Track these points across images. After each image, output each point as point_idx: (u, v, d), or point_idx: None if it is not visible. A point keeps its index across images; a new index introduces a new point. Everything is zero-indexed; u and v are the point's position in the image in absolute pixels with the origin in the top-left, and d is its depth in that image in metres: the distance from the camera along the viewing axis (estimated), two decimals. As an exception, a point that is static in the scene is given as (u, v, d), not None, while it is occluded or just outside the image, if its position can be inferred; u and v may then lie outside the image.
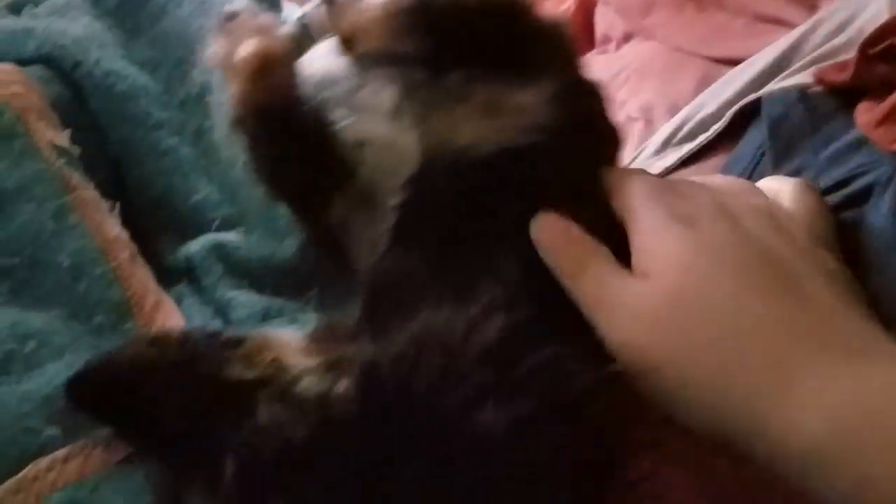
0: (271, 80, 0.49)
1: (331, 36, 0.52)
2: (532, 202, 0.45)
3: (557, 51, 0.49)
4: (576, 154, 0.47)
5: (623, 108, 0.66)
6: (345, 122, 0.49)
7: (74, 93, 0.61)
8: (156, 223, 0.61)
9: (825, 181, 0.46)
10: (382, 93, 0.49)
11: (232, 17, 0.51)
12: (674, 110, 0.60)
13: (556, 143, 0.46)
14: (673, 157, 0.56)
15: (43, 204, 0.52)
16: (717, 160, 0.54)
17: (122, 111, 0.63)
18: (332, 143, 0.49)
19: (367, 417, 0.40)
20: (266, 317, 0.56)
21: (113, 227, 0.55)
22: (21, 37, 0.60)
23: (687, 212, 0.40)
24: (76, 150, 0.57)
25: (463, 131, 0.46)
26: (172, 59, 0.69)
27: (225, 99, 0.51)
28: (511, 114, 0.46)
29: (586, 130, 0.48)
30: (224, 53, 0.51)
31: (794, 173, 0.48)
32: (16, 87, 0.55)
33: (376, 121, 0.49)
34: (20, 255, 0.50)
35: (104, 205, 0.56)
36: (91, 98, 0.62)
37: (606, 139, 0.49)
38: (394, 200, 0.47)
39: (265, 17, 0.53)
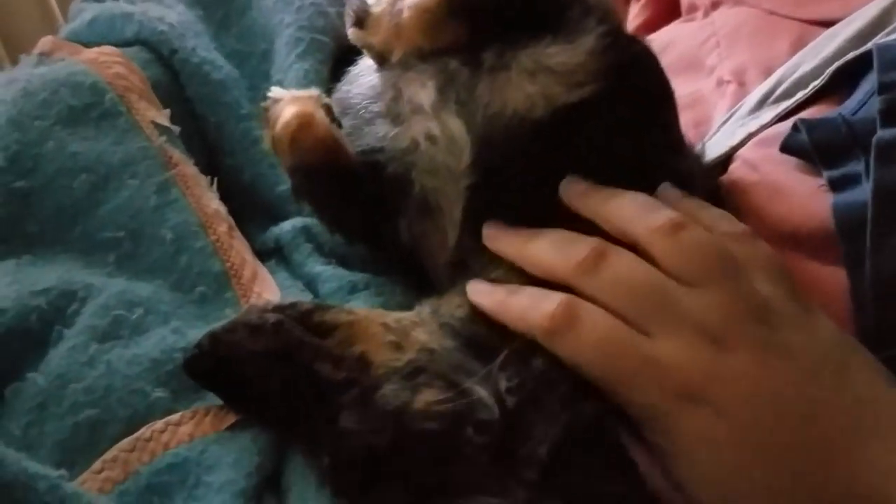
0: (310, 140, 0.52)
1: (366, 54, 0.55)
2: (589, 159, 0.46)
3: (593, 8, 0.49)
4: (625, 105, 0.47)
5: (713, 73, 0.64)
6: (393, 132, 0.50)
7: (172, 77, 0.63)
8: (246, 207, 0.62)
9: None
10: (421, 92, 0.50)
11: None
12: (768, 72, 0.59)
13: (603, 96, 0.46)
14: (769, 114, 0.54)
15: (146, 179, 0.54)
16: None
17: (216, 98, 0.65)
18: (382, 171, 0.51)
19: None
20: (354, 290, 0.57)
21: (212, 202, 0.56)
22: (120, 22, 0.62)
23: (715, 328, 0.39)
24: (176, 129, 0.58)
25: (511, 100, 0.47)
26: (257, 54, 0.70)
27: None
28: (554, 74, 0.47)
29: (632, 82, 0.48)
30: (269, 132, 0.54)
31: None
32: (117, 68, 0.57)
33: (421, 120, 0.50)
34: (125, 228, 0.52)
35: (204, 180, 0.57)
36: (188, 84, 0.64)
37: (656, 91, 0.50)
38: (457, 192, 0.49)
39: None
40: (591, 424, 0.41)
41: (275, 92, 0.56)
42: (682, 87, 0.65)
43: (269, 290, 0.54)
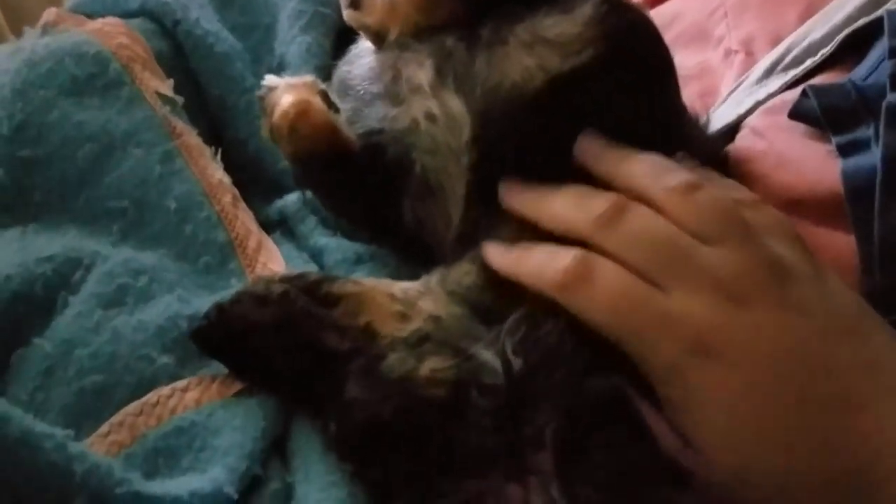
0: (308, 128, 0.52)
1: (363, 35, 0.55)
2: (592, 125, 0.45)
3: None
4: (622, 71, 0.47)
5: (721, 43, 0.64)
6: (393, 112, 0.50)
7: (175, 49, 0.63)
8: (250, 180, 0.62)
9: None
10: (419, 71, 0.50)
11: None
12: (776, 41, 0.59)
13: (603, 64, 0.46)
14: (777, 83, 0.54)
15: (150, 149, 0.54)
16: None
17: (219, 71, 0.64)
18: (384, 152, 0.51)
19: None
20: (359, 261, 0.57)
21: (216, 172, 0.56)
22: (125, -8, 0.62)
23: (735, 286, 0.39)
24: (180, 99, 0.58)
25: (509, 74, 0.47)
26: (261, 27, 0.70)
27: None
28: (552, 45, 0.47)
29: (629, 49, 0.48)
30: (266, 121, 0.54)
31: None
32: (121, 39, 0.57)
33: (420, 99, 0.49)
34: (129, 197, 0.52)
35: (207, 150, 0.57)
36: (191, 56, 0.64)
37: (653, 57, 0.49)
38: (459, 169, 0.48)
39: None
40: (601, 400, 0.41)
41: (269, 80, 0.55)
42: (689, 59, 0.65)
43: (274, 260, 0.54)
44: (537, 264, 0.42)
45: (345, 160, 0.52)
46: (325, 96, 0.54)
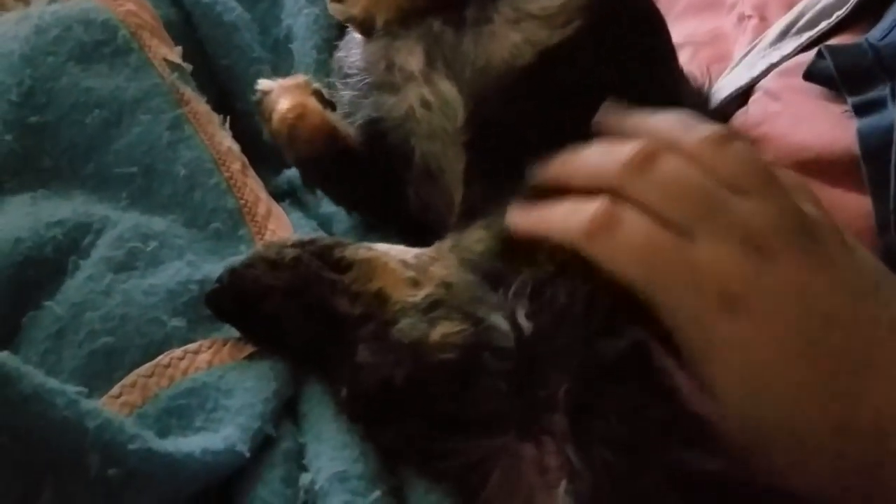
0: (307, 131, 0.53)
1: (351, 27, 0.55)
2: (582, 97, 0.44)
3: None
4: (611, 38, 0.47)
5: (734, 9, 0.63)
6: (389, 101, 0.50)
7: (184, 17, 0.63)
8: (258, 150, 0.61)
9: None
10: (410, 58, 0.50)
11: None
12: (790, 5, 0.58)
13: (590, 34, 0.46)
14: (791, 45, 0.54)
15: (158, 116, 0.53)
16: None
17: (228, 40, 0.65)
18: (383, 141, 0.51)
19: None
20: (369, 230, 0.57)
21: (225, 139, 0.56)
22: (132, -40, 0.62)
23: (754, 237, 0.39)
24: (188, 67, 0.58)
25: (497, 52, 0.47)
26: None
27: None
28: (537, 19, 0.47)
29: (616, 15, 0.48)
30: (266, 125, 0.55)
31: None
32: (129, 6, 0.57)
33: (414, 87, 0.50)
34: (138, 164, 0.52)
35: (216, 118, 0.57)
36: (200, 24, 0.64)
37: (642, 21, 0.49)
38: (456, 151, 0.48)
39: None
40: (615, 361, 0.41)
41: (263, 84, 0.56)
42: (702, 25, 0.65)
43: (283, 227, 0.54)
44: (561, 216, 0.41)
45: (346, 156, 0.53)
46: (319, 96, 0.55)
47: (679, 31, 0.65)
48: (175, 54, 0.58)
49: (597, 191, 0.40)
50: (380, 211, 0.57)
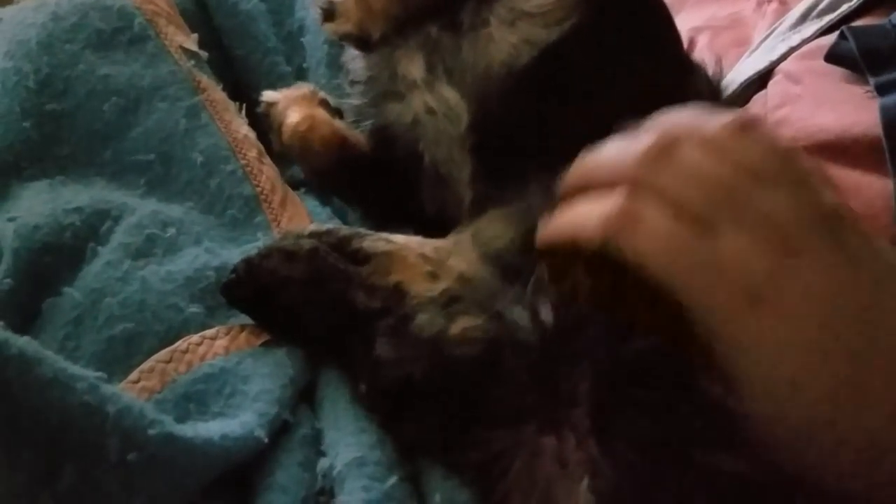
0: (319, 143, 0.53)
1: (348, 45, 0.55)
2: (585, 91, 0.45)
3: None
4: (610, 30, 0.46)
5: (754, -9, 0.63)
6: (396, 109, 0.50)
7: (200, 5, 0.63)
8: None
9: None
10: (412, 67, 0.50)
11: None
12: (811, -13, 0.57)
13: (589, 27, 0.46)
14: (811, 28, 0.53)
15: (175, 103, 0.53)
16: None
17: (243, 30, 0.64)
18: (393, 147, 0.51)
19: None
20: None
21: (241, 127, 0.55)
22: (148, -51, 0.62)
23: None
24: (204, 55, 0.58)
25: (496, 55, 0.47)
26: None
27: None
28: (533, 17, 0.46)
29: (613, 6, 0.47)
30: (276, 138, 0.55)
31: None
32: (145, -7, 0.57)
33: (418, 94, 0.49)
34: (155, 151, 0.52)
35: (232, 106, 0.57)
36: (216, 13, 0.63)
37: (641, 10, 0.48)
38: (462, 155, 0.48)
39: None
40: (639, 358, 0.40)
41: (267, 95, 0.56)
42: (722, 10, 0.64)
43: (299, 215, 0.54)
44: (579, 217, 0.40)
45: (358, 162, 0.54)
46: (326, 105, 0.56)
47: (698, 16, 0.65)
48: (191, 41, 0.58)
49: (617, 187, 0.39)
50: (395, 213, 0.56)
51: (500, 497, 0.40)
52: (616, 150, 0.40)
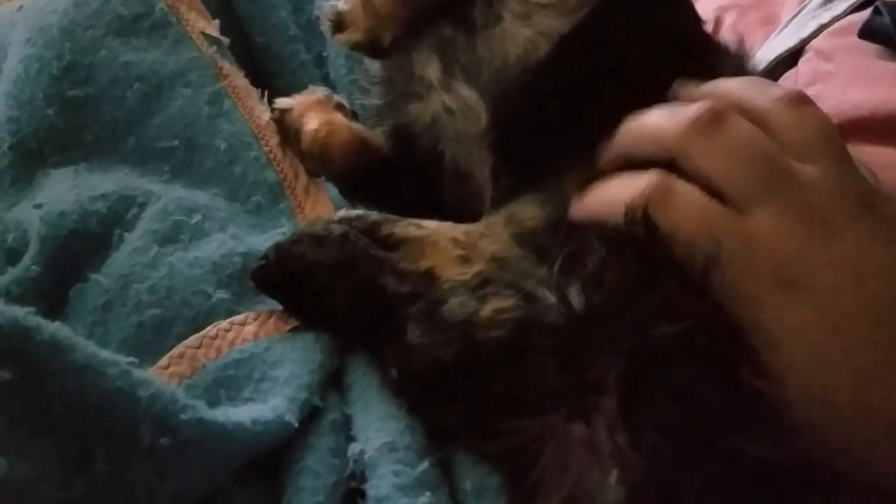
0: (338, 148, 0.52)
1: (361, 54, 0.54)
2: (607, 77, 0.44)
3: None
4: (626, 14, 0.45)
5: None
6: (416, 109, 0.50)
7: (221, -7, 0.62)
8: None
9: None
10: (428, 68, 0.49)
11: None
12: (841, -35, 0.56)
13: (605, 13, 0.45)
14: (842, 5, 0.52)
15: (198, 90, 0.53)
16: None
17: (264, 17, 0.64)
18: (414, 145, 0.50)
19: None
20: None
21: (264, 113, 0.55)
22: (167, -65, 0.61)
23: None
24: (226, 41, 0.58)
25: (512, 50, 0.46)
26: None
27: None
28: (546, 9, 0.46)
29: None
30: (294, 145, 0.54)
31: None
32: (166, -21, 0.57)
33: (436, 95, 0.49)
34: (179, 138, 0.51)
35: (254, 92, 0.56)
36: (236, 2, 0.63)
37: None
38: (482, 153, 0.48)
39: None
40: (669, 345, 0.39)
41: (281, 102, 0.55)
42: (750, -13, 0.63)
43: (323, 201, 0.54)
44: (612, 193, 0.40)
45: (379, 164, 0.53)
46: (342, 108, 0.55)
47: (724, -5, 0.64)
48: (213, 27, 0.57)
49: (659, 156, 0.38)
50: (416, 211, 0.56)
51: (531, 485, 0.39)
52: (661, 117, 0.39)
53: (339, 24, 0.53)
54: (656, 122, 0.39)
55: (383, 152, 0.52)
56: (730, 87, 0.40)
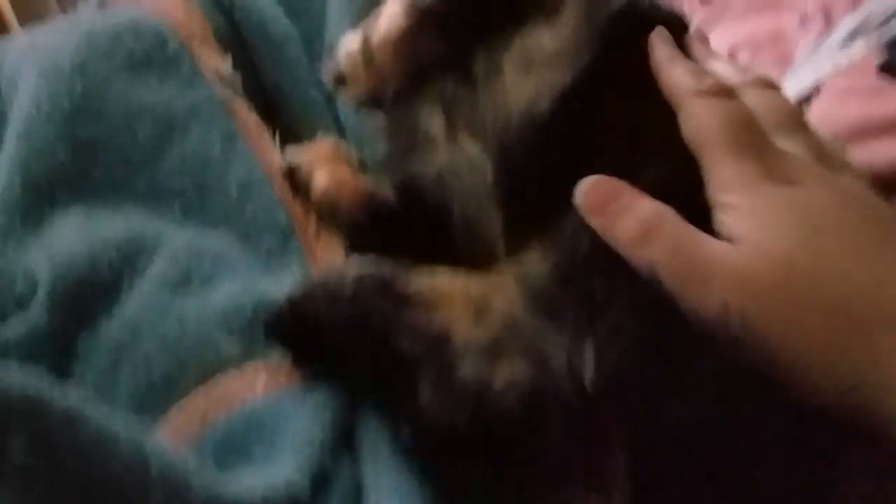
0: (347, 203, 0.53)
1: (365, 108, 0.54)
2: (611, 124, 0.44)
3: None
4: (635, 62, 0.45)
5: (795, 9, 0.61)
6: (422, 162, 0.49)
7: (232, 25, 0.61)
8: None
9: None
10: (431, 122, 0.49)
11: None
12: (857, 3, 0.56)
13: (605, 62, 0.44)
14: (860, 45, 0.51)
15: (210, 129, 0.53)
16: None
17: (276, 54, 0.63)
18: (422, 198, 0.50)
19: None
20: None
21: (276, 154, 0.55)
22: (180, -31, 0.61)
23: (778, 168, 0.38)
24: (238, 78, 0.57)
25: (514, 104, 0.46)
26: (311, 12, 0.68)
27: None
28: (547, 60, 0.45)
29: (627, 34, 0.45)
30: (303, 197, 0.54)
31: None
32: (178, 15, 0.56)
33: (441, 150, 0.49)
34: (190, 178, 0.51)
35: (266, 132, 0.56)
36: (248, 35, 0.62)
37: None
38: (490, 206, 0.47)
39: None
40: (680, 430, 0.39)
41: (291, 154, 0.55)
42: (761, 25, 0.63)
43: (333, 244, 0.54)
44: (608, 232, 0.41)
45: (387, 216, 0.53)
46: (349, 160, 0.55)
47: (736, 32, 0.64)
48: (226, 65, 0.57)
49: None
50: (429, 256, 0.56)
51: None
52: (689, 70, 0.43)
53: (342, 79, 0.53)
54: (680, 74, 0.43)
55: (391, 204, 0.52)
56: (717, 67, 0.44)
